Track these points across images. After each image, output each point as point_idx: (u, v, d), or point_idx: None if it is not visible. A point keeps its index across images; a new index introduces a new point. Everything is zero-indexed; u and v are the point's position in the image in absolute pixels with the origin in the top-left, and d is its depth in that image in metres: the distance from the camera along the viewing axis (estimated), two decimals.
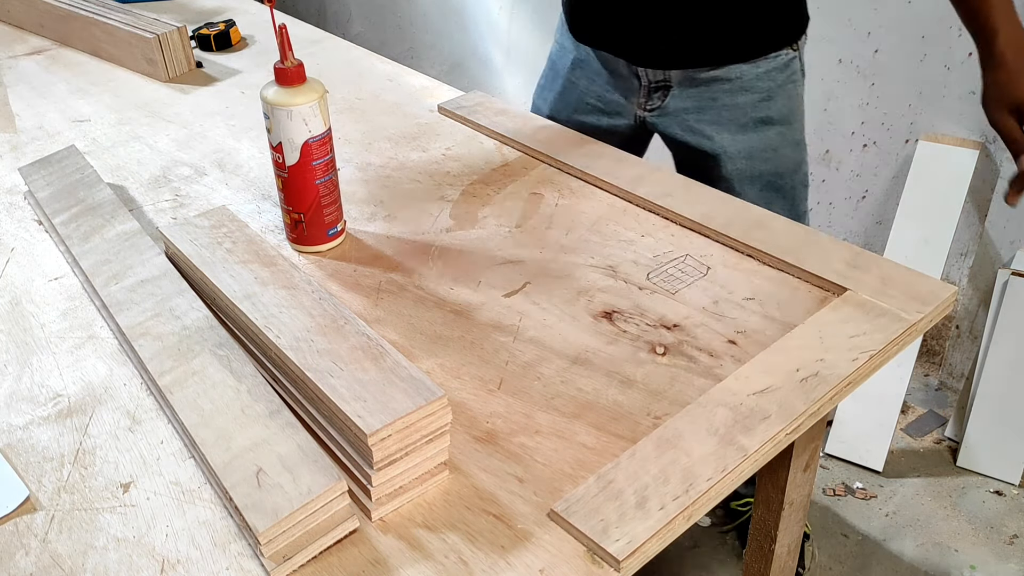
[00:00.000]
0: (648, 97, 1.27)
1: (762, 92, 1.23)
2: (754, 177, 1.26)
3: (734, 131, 1.24)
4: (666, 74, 1.24)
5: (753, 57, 1.21)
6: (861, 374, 0.83)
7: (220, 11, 1.69)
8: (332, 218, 1.00)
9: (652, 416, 0.79)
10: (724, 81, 1.22)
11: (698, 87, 1.23)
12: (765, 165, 1.26)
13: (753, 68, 1.21)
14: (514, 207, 1.09)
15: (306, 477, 0.67)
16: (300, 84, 0.92)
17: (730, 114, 1.24)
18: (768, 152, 1.26)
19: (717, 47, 1.20)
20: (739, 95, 1.22)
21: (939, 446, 1.87)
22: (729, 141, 1.25)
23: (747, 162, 1.25)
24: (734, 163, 1.25)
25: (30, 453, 0.77)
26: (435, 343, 0.88)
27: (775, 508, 1.05)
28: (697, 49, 1.21)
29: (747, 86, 1.22)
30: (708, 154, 1.26)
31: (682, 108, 1.26)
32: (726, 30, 1.19)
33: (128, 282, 0.91)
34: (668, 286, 0.95)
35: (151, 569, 0.66)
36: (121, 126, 1.31)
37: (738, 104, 1.23)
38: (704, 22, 1.18)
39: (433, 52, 2.86)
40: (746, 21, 1.19)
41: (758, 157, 1.25)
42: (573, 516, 0.68)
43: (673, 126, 1.28)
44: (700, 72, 1.22)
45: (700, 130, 1.26)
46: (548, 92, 1.39)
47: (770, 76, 1.22)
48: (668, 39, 1.20)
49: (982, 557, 1.63)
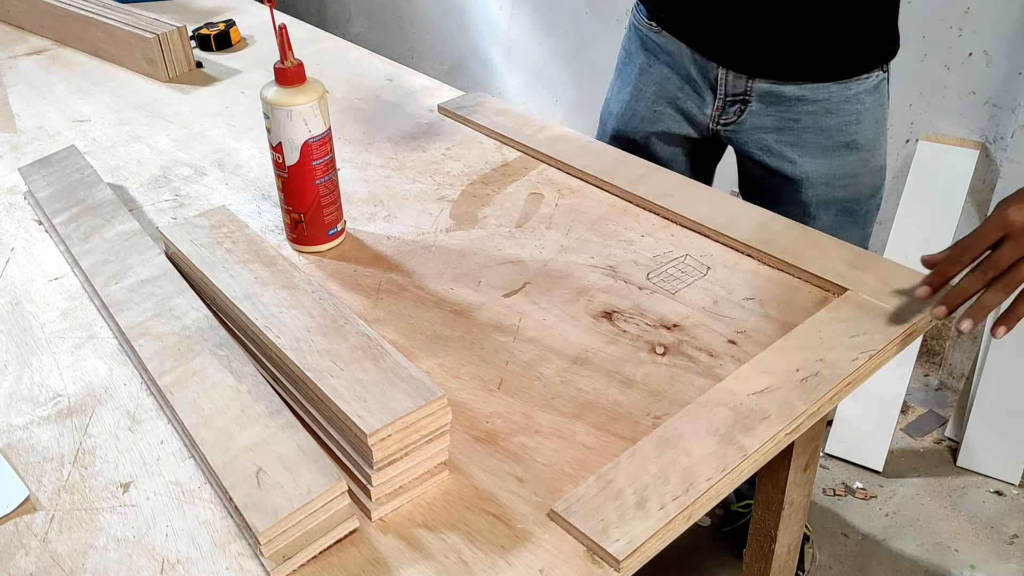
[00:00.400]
0: (723, 110, 1.20)
1: (850, 115, 1.14)
2: (830, 202, 1.19)
3: (817, 155, 1.17)
4: (747, 86, 1.16)
5: (844, 77, 1.12)
6: (861, 374, 0.83)
7: (220, 11, 1.69)
8: (332, 218, 1.00)
9: (652, 416, 0.79)
10: (811, 102, 1.14)
11: (780, 105, 1.16)
12: (843, 191, 1.19)
13: (843, 89, 1.13)
14: (514, 207, 1.09)
15: (306, 477, 0.67)
16: (300, 84, 0.92)
17: (814, 137, 1.16)
18: (848, 179, 1.18)
19: (809, 61, 1.12)
20: (825, 117, 1.14)
21: (939, 446, 1.87)
22: (811, 166, 1.17)
23: (826, 188, 1.18)
24: (814, 189, 1.18)
25: (30, 453, 0.77)
26: (435, 343, 0.88)
27: (775, 508, 1.05)
28: (787, 59, 1.13)
29: (834, 108, 1.14)
30: (787, 178, 1.19)
31: (760, 126, 1.18)
32: (821, 44, 1.11)
33: (128, 282, 0.91)
34: (668, 286, 0.95)
35: (151, 569, 0.66)
36: (121, 126, 1.31)
37: (823, 127, 1.15)
38: (799, 31, 1.10)
39: (433, 52, 2.86)
40: (843, 36, 1.10)
41: (838, 184, 1.18)
42: (573, 516, 0.68)
43: (748, 144, 1.21)
44: (785, 87, 1.14)
45: (780, 152, 1.18)
46: (615, 104, 1.33)
47: (859, 99, 1.14)
48: (758, 42, 1.12)
49: (982, 557, 1.63)
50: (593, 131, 2.41)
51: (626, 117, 1.30)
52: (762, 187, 1.23)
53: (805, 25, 1.09)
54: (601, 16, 2.30)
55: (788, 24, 1.09)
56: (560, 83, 2.51)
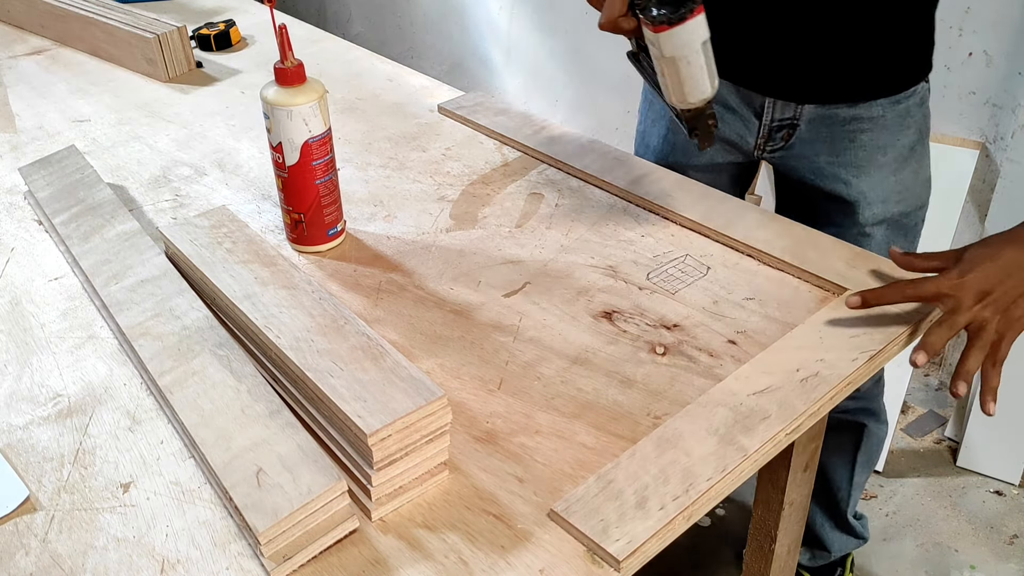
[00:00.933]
0: (769, 137, 1.15)
1: (902, 130, 1.10)
2: (884, 219, 1.15)
3: (872, 174, 1.12)
4: (796, 111, 1.11)
5: (894, 92, 1.08)
6: (861, 374, 0.83)
7: (220, 11, 1.69)
8: (332, 218, 1.00)
9: (652, 416, 0.79)
10: (864, 120, 1.09)
11: (831, 127, 1.11)
12: (897, 207, 1.15)
13: (894, 104, 1.09)
14: (514, 207, 1.09)
15: (306, 477, 0.67)
16: (300, 84, 0.92)
17: (868, 155, 1.11)
18: (903, 193, 1.14)
19: (859, 81, 1.07)
20: (879, 135, 1.10)
21: (939, 446, 1.87)
22: (867, 185, 1.12)
23: (883, 206, 1.13)
24: (871, 208, 1.13)
25: (30, 453, 0.77)
26: (435, 343, 0.88)
27: (775, 508, 1.05)
28: (838, 82, 1.08)
29: (888, 124, 1.09)
30: (844, 200, 1.14)
31: (811, 149, 1.13)
32: (870, 62, 1.06)
33: (128, 282, 0.91)
34: (668, 286, 0.95)
35: (151, 569, 0.66)
36: (121, 126, 1.31)
37: (878, 145, 1.10)
38: (847, 53, 1.06)
39: (433, 52, 2.86)
40: (890, 52, 1.06)
41: (893, 200, 1.14)
42: (573, 516, 0.68)
43: (798, 168, 1.16)
44: (837, 110, 1.10)
45: (834, 174, 1.13)
46: (651, 137, 1.27)
47: (910, 112, 1.10)
48: (806, 69, 1.08)
49: (982, 557, 1.63)
50: (593, 131, 2.40)
51: (664, 151, 1.25)
52: (812, 209, 1.17)
53: (852, 46, 1.05)
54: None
55: (835, 47, 1.06)
56: (560, 83, 2.51)
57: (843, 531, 1.47)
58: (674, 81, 0.89)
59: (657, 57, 0.88)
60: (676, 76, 0.88)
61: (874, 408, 1.34)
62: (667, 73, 0.89)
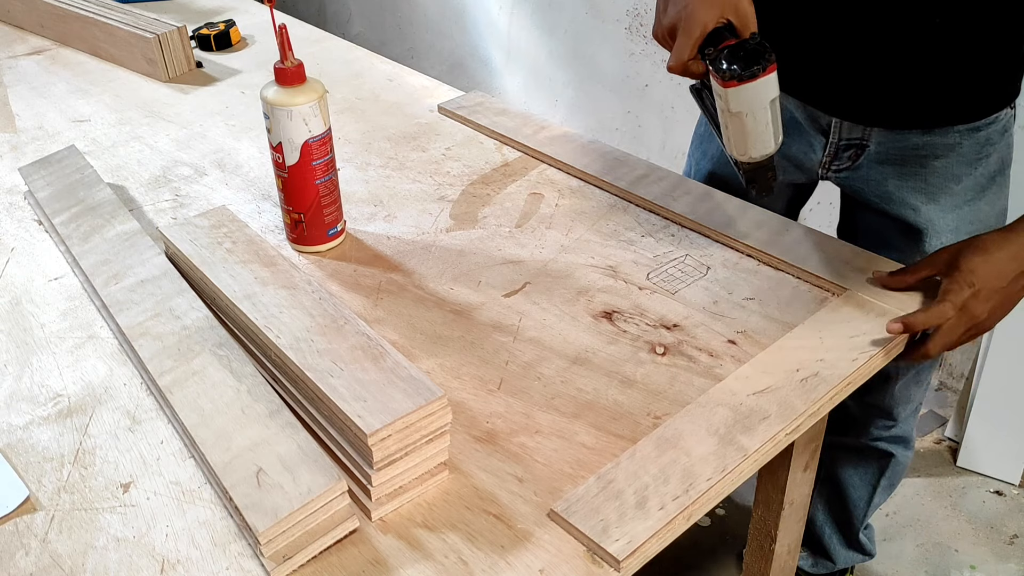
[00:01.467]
0: (835, 156, 1.09)
1: (979, 159, 1.03)
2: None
3: (943, 202, 1.05)
4: (865, 132, 1.05)
5: (972, 119, 1.01)
6: (861, 374, 0.83)
7: (220, 11, 1.69)
8: (332, 218, 1.00)
9: (652, 416, 0.79)
10: (938, 146, 1.02)
11: (902, 150, 1.05)
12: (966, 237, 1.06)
13: (971, 132, 1.01)
14: (514, 207, 1.09)
15: (306, 477, 0.67)
16: (300, 84, 0.92)
17: (941, 183, 1.04)
18: (975, 225, 1.06)
19: (934, 107, 1.00)
20: (953, 163, 1.03)
21: (939, 446, 1.87)
22: (938, 214, 1.05)
23: (952, 236, 1.05)
24: (939, 238, 1.06)
25: (30, 453, 0.77)
26: (435, 343, 0.88)
27: (775, 508, 1.05)
28: (908, 108, 1.02)
29: (965, 153, 1.02)
30: (911, 226, 1.07)
31: (879, 172, 1.07)
32: (947, 88, 0.99)
33: (128, 282, 0.91)
34: (668, 286, 0.95)
35: (151, 569, 0.66)
36: (121, 126, 1.31)
37: (952, 173, 1.03)
38: (920, 77, 0.99)
39: (433, 52, 2.86)
40: (970, 78, 0.99)
41: (963, 231, 1.06)
42: (573, 516, 0.68)
43: (864, 190, 1.10)
44: (908, 135, 1.03)
45: (902, 199, 1.06)
46: (710, 145, 1.22)
47: (990, 140, 1.03)
48: (874, 93, 1.02)
49: (982, 557, 1.63)
50: (593, 131, 2.40)
51: (724, 160, 1.18)
52: (877, 234, 1.11)
53: (929, 71, 0.98)
54: (601, 16, 2.30)
55: (910, 72, 0.99)
56: (560, 83, 2.51)
57: (852, 548, 1.47)
58: (737, 134, 0.86)
59: (722, 109, 0.85)
60: (740, 130, 0.85)
61: (906, 435, 1.30)
62: (731, 125, 0.86)
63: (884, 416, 1.25)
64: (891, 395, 1.21)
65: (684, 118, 2.23)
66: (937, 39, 0.96)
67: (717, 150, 1.21)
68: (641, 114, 2.32)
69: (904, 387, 1.21)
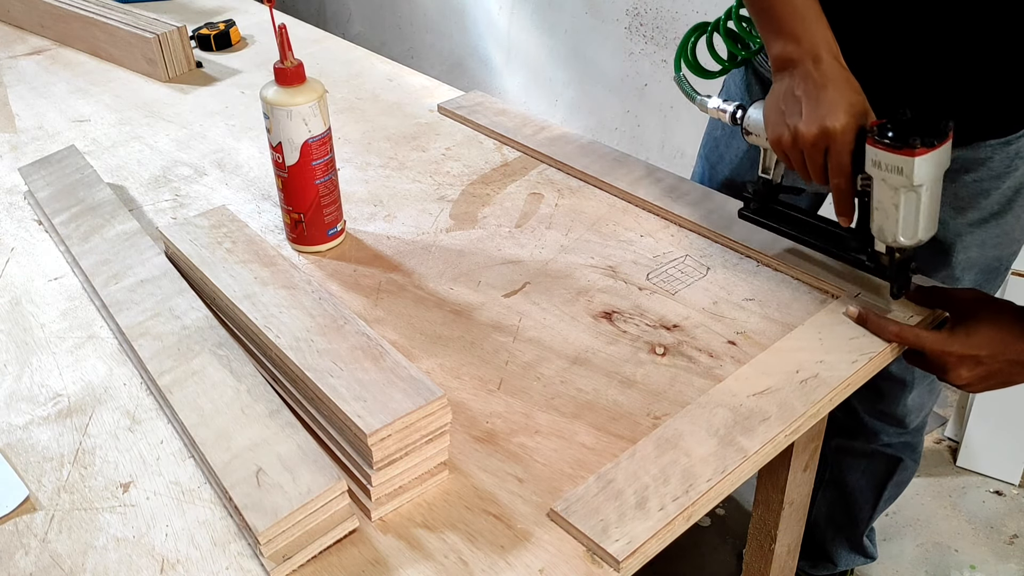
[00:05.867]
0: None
1: (1010, 172, 1.02)
2: (976, 263, 1.08)
3: (972, 216, 1.04)
4: None
5: (1005, 133, 0.99)
6: (861, 376, 0.83)
7: (220, 11, 1.69)
8: (332, 218, 1.00)
9: (652, 416, 0.79)
10: (969, 161, 1.01)
11: None
12: (992, 251, 1.07)
13: (1003, 146, 0.99)
14: (514, 207, 1.09)
15: (306, 477, 0.67)
16: (300, 84, 0.92)
17: (970, 196, 1.03)
18: (1001, 239, 1.06)
19: (971, 122, 0.97)
20: (984, 176, 1.02)
21: (939, 446, 1.87)
22: (965, 228, 1.04)
23: (979, 250, 1.06)
24: (967, 252, 1.06)
25: (30, 453, 0.77)
26: (435, 343, 0.88)
27: (775, 508, 1.05)
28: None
29: (995, 166, 1.01)
30: (937, 240, 1.01)
31: None
32: (979, 105, 0.97)
33: (128, 282, 0.91)
34: (668, 286, 0.95)
35: (151, 569, 0.66)
36: (121, 126, 1.31)
37: (983, 188, 1.02)
38: (951, 95, 0.96)
39: (433, 52, 2.86)
40: (1004, 93, 0.97)
41: (990, 244, 1.06)
42: (573, 516, 0.68)
43: None
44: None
45: None
46: (728, 150, 1.20)
47: (1020, 153, 1.01)
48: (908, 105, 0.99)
49: (982, 557, 1.63)
50: (593, 130, 2.40)
51: (744, 167, 1.18)
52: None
53: (960, 89, 0.97)
54: (601, 16, 2.30)
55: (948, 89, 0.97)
56: (560, 83, 2.51)
57: (854, 551, 1.47)
58: (908, 214, 0.80)
59: (892, 187, 0.78)
60: (913, 208, 0.79)
61: (915, 443, 1.31)
62: (902, 205, 0.79)
63: (896, 424, 1.26)
64: (904, 404, 1.22)
65: (684, 118, 2.23)
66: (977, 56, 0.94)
67: (736, 156, 1.19)
68: (641, 114, 2.32)
69: (918, 396, 1.21)
